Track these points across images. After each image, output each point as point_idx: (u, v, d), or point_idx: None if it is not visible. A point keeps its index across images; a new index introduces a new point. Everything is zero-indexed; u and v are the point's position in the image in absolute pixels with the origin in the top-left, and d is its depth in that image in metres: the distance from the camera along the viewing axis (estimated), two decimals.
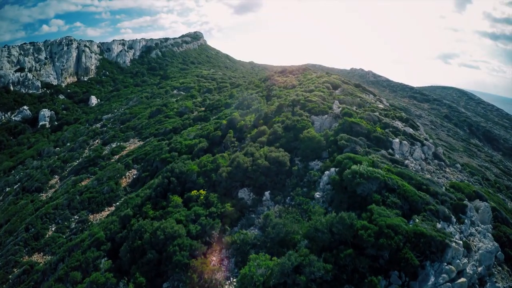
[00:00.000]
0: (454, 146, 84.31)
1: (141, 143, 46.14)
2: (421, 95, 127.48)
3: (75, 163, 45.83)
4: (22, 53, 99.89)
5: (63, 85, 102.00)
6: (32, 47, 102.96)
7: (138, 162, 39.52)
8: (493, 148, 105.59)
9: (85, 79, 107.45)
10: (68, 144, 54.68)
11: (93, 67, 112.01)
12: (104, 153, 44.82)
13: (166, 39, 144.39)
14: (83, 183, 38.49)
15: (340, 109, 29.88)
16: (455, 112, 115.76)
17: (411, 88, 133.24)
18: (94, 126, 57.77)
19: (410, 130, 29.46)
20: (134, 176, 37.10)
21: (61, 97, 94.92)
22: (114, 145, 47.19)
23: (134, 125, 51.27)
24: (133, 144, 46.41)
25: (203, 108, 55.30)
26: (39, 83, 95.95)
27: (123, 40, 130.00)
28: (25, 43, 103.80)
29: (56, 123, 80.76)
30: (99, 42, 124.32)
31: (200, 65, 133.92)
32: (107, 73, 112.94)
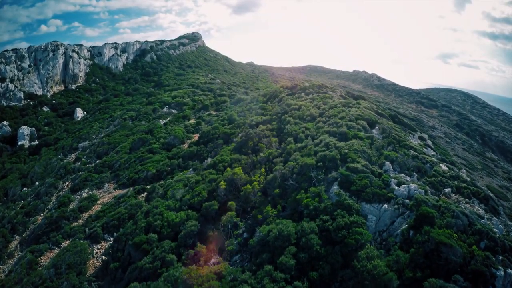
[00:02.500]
0: (473, 164, 73.80)
1: (117, 192, 34.58)
2: (429, 100, 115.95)
3: (39, 219, 34.68)
4: (4, 61, 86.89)
5: (49, 95, 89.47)
6: (14, 54, 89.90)
7: (109, 230, 28.17)
8: (506, 160, 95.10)
9: (73, 87, 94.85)
10: (37, 183, 43.14)
11: (82, 73, 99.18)
12: (70, 207, 33.37)
13: (162, 41, 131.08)
14: (42, 259, 27.34)
15: (403, 189, 18.38)
16: (466, 120, 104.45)
17: (418, 93, 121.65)
18: (67, 159, 45.97)
19: (500, 226, 18.14)
20: (103, 257, 25.74)
21: (45, 109, 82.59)
22: (84, 194, 35.62)
23: (112, 161, 39.54)
24: (107, 194, 34.78)
25: (196, 137, 43.58)
26: (21, 94, 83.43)
27: (115, 43, 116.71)
28: (6, 50, 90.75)
29: (36, 141, 68.88)
30: (90, 46, 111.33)
31: (198, 69, 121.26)
32: (97, 80, 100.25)
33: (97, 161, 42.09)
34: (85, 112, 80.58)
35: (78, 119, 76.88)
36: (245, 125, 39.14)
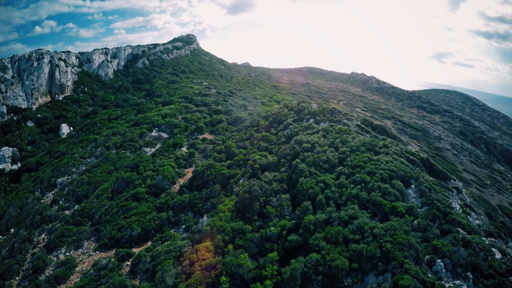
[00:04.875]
0: (483, 180, 68.59)
1: (98, 256, 27.92)
2: (430, 105, 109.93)
3: (14, 284, 28.49)
4: None
5: (34, 107, 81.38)
6: None
7: None
8: (511, 169, 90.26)
9: (60, 98, 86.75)
10: (12, 230, 36.39)
11: (69, 83, 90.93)
12: (46, 274, 27.13)
13: (155, 45, 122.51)
14: None
15: None
16: (469, 127, 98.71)
17: (419, 97, 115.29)
18: (44, 199, 38.95)
19: None
20: None
21: (30, 124, 74.67)
22: (61, 255, 28.99)
23: (91, 209, 32.71)
24: (86, 257, 28.08)
25: (189, 173, 36.76)
26: (4, 109, 75.24)
27: (105, 48, 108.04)
28: None
29: (18, 164, 61.50)
30: (79, 52, 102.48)
31: (192, 74, 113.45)
32: (86, 89, 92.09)
33: (76, 206, 35.18)
34: (71, 128, 73.00)
35: (63, 136, 69.43)
36: (247, 166, 32.52)
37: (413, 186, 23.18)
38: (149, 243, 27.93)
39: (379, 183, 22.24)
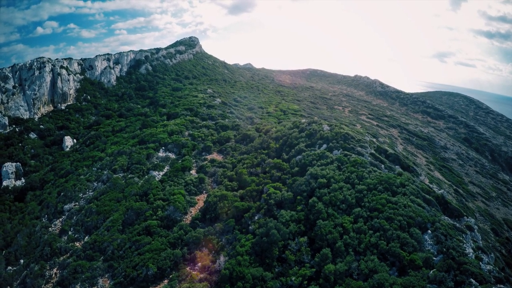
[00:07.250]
0: (488, 192, 68.93)
1: None
2: (434, 110, 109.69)
3: None
4: None
5: (36, 117, 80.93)
6: None
7: None
8: None
9: (63, 107, 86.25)
10: (22, 261, 36.28)
11: (71, 91, 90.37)
12: None
13: (158, 50, 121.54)
14: None
15: None
16: (474, 133, 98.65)
17: (423, 101, 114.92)
18: (52, 227, 38.81)
19: None
20: None
21: (32, 136, 74.32)
22: None
23: (103, 243, 32.58)
24: None
25: (200, 201, 36.83)
26: (6, 120, 74.78)
27: (108, 54, 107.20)
28: None
29: (22, 179, 61.34)
30: (81, 59, 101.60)
31: (195, 79, 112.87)
32: (88, 97, 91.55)
33: (86, 238, 35.11)
34: (74, 140, 72.62)
35: (67, 149, 69.10)
36: (261, 200, 32.43)
37: (429, 231, 23.25)
38: (166, 281, 27.94)
39: (398, 231, 22.30)
